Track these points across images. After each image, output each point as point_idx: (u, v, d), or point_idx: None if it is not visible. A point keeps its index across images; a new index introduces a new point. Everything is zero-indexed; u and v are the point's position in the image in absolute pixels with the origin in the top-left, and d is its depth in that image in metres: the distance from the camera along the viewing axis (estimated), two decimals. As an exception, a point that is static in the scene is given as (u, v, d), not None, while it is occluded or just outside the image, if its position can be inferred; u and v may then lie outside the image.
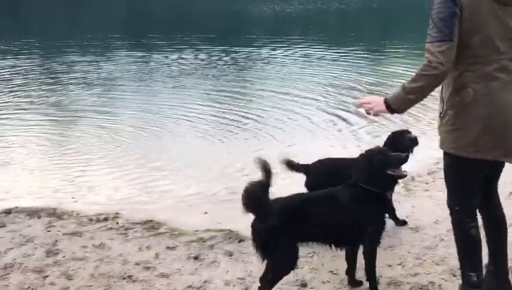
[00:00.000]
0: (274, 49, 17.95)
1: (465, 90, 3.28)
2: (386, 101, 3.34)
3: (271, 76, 13.75)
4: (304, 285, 4.07)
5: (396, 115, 3.64)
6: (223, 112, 10.09)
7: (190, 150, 7.99)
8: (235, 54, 17.09)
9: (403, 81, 3.47)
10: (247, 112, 10.03)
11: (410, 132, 5.09)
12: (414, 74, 3.26)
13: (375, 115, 3.46)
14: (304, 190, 4.80)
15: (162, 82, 13.38)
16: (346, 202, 3.73)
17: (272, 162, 3.72)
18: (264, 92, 11.70)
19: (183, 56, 16.78)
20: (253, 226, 3.67)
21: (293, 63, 15.59)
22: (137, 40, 21.81)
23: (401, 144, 4.90)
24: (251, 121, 9.42)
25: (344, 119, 9.30)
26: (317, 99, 10.89)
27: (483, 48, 3.25)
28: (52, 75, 14.23)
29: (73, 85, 12.98)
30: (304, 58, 16.26)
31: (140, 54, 17.63)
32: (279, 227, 3.57)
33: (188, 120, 9.60)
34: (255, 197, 3.54)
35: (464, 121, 3.31)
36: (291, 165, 5.10)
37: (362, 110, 3.51)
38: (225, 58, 16.31)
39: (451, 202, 3.56)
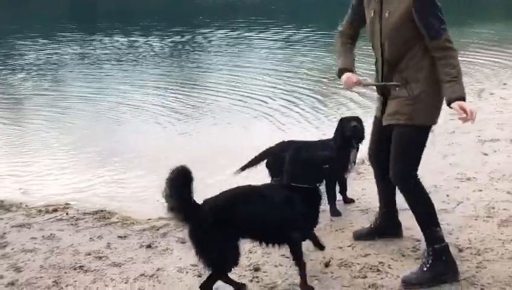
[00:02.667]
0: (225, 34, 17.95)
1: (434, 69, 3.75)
2: (464, 98, 3.64)
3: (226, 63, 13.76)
4: (257, 269, 4.10)
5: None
6: (176, 100, 10.03)
7: (142, 138, 7.91)
8: (185, 39, 17.00)
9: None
10: (198, 99, 10.00)
11: (356, 120, 5.10)
12: (454, 64, 3.67)
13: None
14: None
15: (111, 68, 13.23)
16: (276, 199, 3.74)
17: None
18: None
19: (133, 42, 16.59)
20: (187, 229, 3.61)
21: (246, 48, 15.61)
22: (85, 27, 21.42)
23: (346, 132, 4.97)
24: (204, 108, 9.41)
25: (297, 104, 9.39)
26: (270, 85, 10.93)
27: None
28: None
29: (21, 71, 12.71)
30: (251, 43, 16.30)
31: (88, 40, 17.34)
32: (210, 227, 3.52)
33: (141, 108, 9.52)
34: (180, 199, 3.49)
35: (440, 97, 3.78)
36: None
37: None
38: (177, 45, 16.20)
39: (412, 169, 3.90)
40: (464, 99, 3.64)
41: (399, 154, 3.92)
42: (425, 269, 3.87)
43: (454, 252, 4.21)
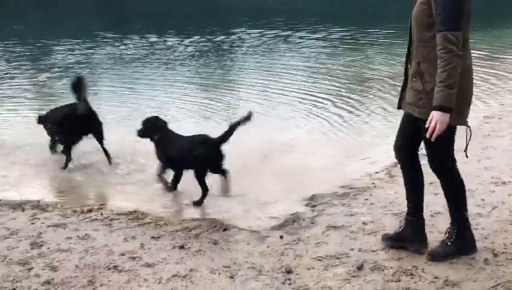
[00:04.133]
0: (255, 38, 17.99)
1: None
2: (444, 108, 3.65)
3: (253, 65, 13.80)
4: (289, 271, 4.10)
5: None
6: (208, 101, 10.10)
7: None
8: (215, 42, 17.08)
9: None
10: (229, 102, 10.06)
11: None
12: (446, 68, 3.59)
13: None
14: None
15: (144, 69, 13.39)
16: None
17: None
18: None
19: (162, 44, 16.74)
20: None
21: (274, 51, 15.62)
22: (115, 27, 21.64)
23: None
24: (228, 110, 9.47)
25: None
26: (299, 88, 10.92)
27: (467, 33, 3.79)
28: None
29: (52, 71, 12.97)
30: (284, 45, 16.29)
31: (118, 40, 17.53)
32: None
33: (170, 106, 9.63)
34: None
35: (464, 97, 3.84)
36: None
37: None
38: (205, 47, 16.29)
39: (449, 158, 4.04)
40: (442, 109, 3.64)
41: (426, 145, 3.99)
42: (449, 243, 4.15)
43: (490, 257, 4.17)
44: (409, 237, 4.29)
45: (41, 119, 7.01)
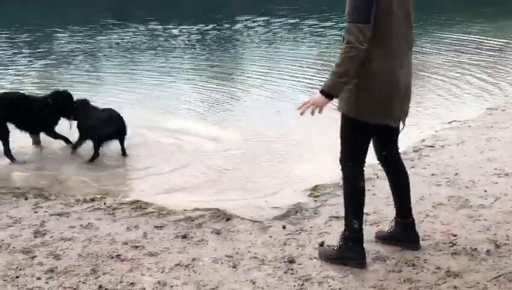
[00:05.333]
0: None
1: (370, 65, 3.63)
2: (323, 92, 3.66)
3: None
4: (292, 261, 4.11)
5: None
6: (212, 89, 10.09)
7: (176, 127, 7.94)
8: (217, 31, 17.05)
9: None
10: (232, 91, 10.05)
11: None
12: (339, 57, 3.58)
13: (320, 111, 3.78)
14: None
15: (147, 56, 13.39)
16: None
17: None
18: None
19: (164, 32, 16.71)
20: None
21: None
22: (121, 15, 21.64)
23: None
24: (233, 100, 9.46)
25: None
26: (305, 77, 10.90)
27: (390, 28, 3.66)
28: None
29: (59, 61, 12.96)
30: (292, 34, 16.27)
31: (123, 28, 17.50)
32: None
33: (172, 97, 9.65)
34: None
35: (366, 91, 3.70)
36: None
37: (307, 113, 3.80)
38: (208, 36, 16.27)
39: (345, 159, 3.95)
40: (322, 92, 3.67)
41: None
42: (335, 248, 4.08)
43: (492, 248, 4.17)
44: (400, 237, 4.25)
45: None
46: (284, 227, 4.70)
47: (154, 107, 8.99)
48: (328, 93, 3.67)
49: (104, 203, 5.33)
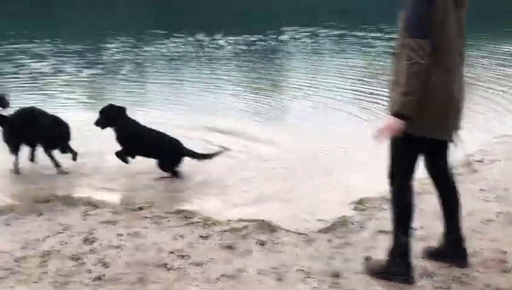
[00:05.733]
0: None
1: (429, 79, 3.59)
2: (397, 114, 3.63)
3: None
4: (337, 275, 4.09)
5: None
6: (258, 100, 10.13)
7: (221, 137, 7.97)
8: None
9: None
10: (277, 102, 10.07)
11: None
12: (405, 75, 3.54)
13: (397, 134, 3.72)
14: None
15: (193, 67, 13.55)
16: None
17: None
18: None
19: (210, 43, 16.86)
20: None
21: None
22: (169, 26, 21.94)
23: None
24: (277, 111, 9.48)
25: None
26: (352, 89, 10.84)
27: (445, 43, 3.65)
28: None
29: (106, 70, 13.22)
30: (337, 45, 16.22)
31: (170, 39, 17.72)
32: None
33: (217, 107, 9.72)
34: None
35: (425, 105, 3.62)
36: None
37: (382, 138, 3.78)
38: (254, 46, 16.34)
39: (395, 173, 3.90)
40: (395, 114, 3.65)
41: None
42: (382, 263, 4.04)
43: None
44: (447, 253, 4.19)
45: None
46: (329, 240, 4.69)
47: (200, 117, 9.04)
48: (402, 115, 3.62)
49: (151, 212, 5.41)
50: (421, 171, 4.11)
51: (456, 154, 6.02)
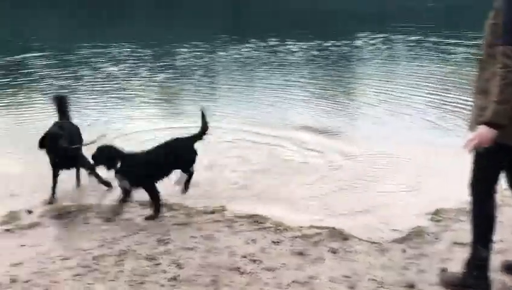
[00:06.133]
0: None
1: None
2: (489, 123, 3.53)
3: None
4: (412, 286, 4.02)
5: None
6: (332, 106, 10.09)
7: (294, 142, 7.94)
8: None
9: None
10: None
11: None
12: (499, 83, 3.45)
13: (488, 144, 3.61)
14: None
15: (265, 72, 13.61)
16: None
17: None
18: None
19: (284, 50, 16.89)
20: None
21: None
22: (238, 31, 22.12)
23: None
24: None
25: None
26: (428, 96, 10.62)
27: None
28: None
29: (178, 75, 13.49)
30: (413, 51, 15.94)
31: (241, 43, 17.85)
32: None
33: (289, 112, 9.70)
34: None
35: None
36: None
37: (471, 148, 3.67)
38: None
39: (477, 184, 3.82)
40: (487, 124, 3.53)
41: None
42: (459, 275, 3.96)
43: None
44: None
45: None
46: (403, 250, 4.62)
47: (271, 124, 9.03)
48: (496, 123, 3.54)
49: (223, 216, 5.47)
50: (501, 184, 3.99)
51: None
